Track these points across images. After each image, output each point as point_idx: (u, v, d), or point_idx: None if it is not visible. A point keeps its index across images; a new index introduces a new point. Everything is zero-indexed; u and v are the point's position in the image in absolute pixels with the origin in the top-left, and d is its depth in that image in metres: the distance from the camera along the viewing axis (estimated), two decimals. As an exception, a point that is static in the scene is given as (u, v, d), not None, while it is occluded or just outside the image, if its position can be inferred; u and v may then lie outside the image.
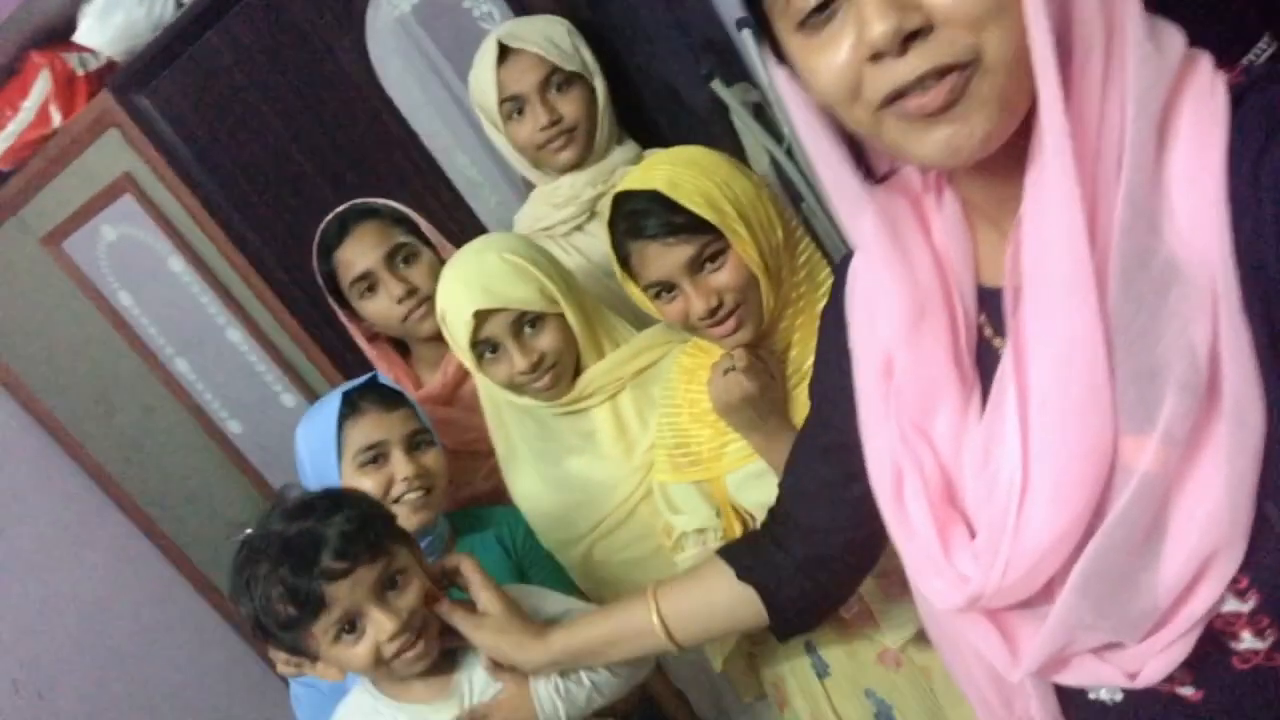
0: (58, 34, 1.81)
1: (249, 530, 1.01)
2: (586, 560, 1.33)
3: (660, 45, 1.69)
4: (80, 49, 1.83)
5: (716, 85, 1.62)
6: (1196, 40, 0.53)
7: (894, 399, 0.64)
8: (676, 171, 1.06)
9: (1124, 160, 0.50)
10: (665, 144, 1.24)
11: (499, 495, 1.40)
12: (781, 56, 0.58)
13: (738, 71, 1.35)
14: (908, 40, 0.49)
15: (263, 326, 2.11)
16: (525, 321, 1.21)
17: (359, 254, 1.44)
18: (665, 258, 1.05)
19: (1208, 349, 0.50)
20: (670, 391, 1.23)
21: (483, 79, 1.48)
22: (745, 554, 0.92)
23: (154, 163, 1.90)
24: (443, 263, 1.46)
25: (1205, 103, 0.51)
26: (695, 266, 1.05)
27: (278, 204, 1.94)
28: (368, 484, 1.21)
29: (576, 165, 1.49)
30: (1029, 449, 0.55)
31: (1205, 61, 0.53)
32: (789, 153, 1.27)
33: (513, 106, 1.47)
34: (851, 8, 0.51)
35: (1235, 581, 0.53)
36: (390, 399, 1.25)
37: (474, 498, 1.45)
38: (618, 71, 1.54)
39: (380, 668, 0.98)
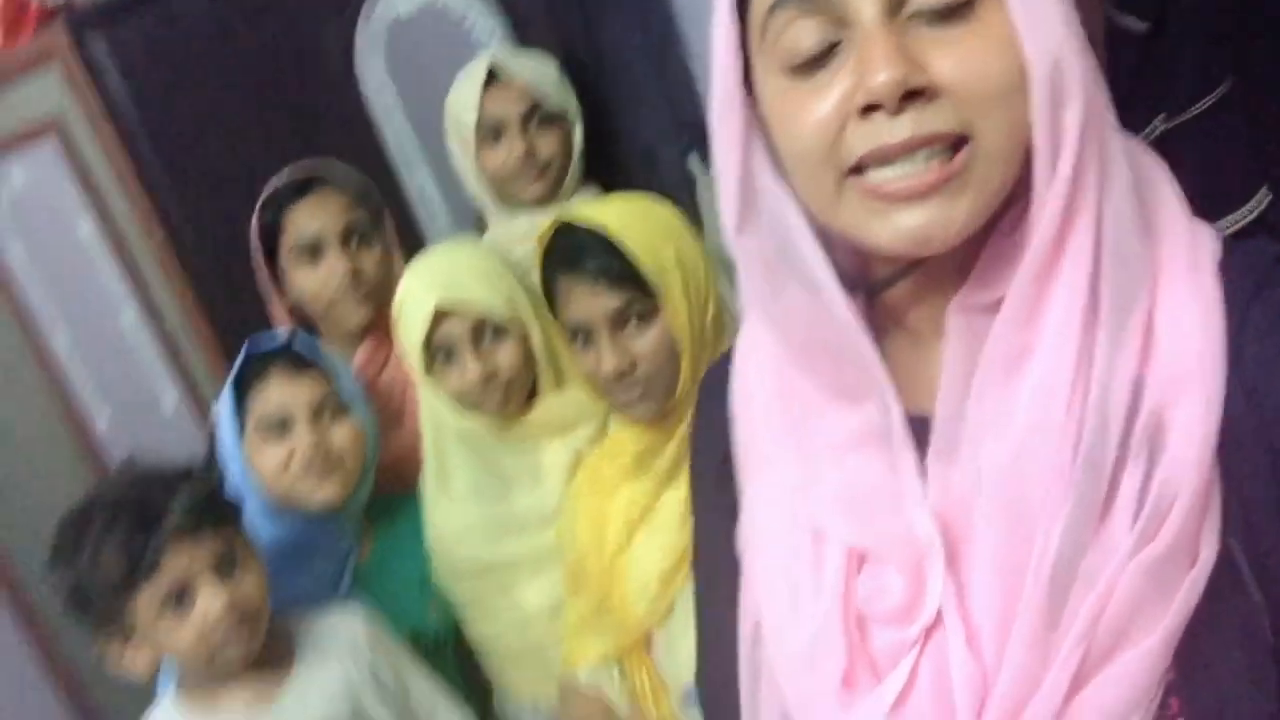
0: (25, -46, 1.70)
1: None
2: (501, 597, 1.20)
3: (644, 108, 1.69)
4: (46, -24, 1.72)
5: (692, 160, 1.61)
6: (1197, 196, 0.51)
7: None
8: (628, 217, 0.99)
9: (1102, 302, 0.46)
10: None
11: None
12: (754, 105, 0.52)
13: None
14: (905, 99, 0.45)
15: (164, 313, 1.93)
16: (487, 329, 1.12)
17: (315, 219, 1.32)
18: (590, 302, 0.96)
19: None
20: (572, 498, 1.11)
21: (465, 97, 1.46)
22: None
23: (91, 111, 1.76)
24: (392, 261, 1.36)
25: (1201, 268, 0.48)
26: (618, 321, 0.97)
27: (217, 186, 1.81)
28: (269, 457, 1.11)
29: (542, 201, 1.47)
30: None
31: (1201, 228, 0.50)
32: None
33: (489, 131, 1.46)
34: (850, 52, 0.47)
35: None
36: (302, 362, 1.14)
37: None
38: (596, 122, 1.53)
39: (199, 656, 0.90)
